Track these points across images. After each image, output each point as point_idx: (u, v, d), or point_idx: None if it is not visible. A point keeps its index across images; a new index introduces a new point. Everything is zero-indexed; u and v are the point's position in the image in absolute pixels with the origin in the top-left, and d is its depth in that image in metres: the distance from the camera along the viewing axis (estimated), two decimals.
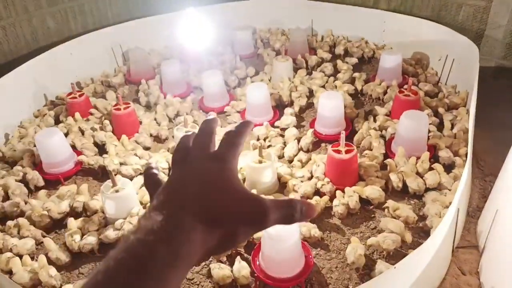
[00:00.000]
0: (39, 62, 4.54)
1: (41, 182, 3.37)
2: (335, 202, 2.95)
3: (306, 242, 2.72)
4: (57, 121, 4.22)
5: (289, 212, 0.57)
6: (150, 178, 0.65)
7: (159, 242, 0.48)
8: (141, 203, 3.05)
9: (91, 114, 4.21)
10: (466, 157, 2.87)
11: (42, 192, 3.23)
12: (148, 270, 0.46)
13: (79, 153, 3.66)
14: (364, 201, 3.04)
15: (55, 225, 3.04)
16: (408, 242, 2.62)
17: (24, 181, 3.36)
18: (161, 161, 3.44)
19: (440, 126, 3.76)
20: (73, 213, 3.07)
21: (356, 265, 2.54)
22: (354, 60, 5.05)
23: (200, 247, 0.52)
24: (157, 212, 0.52)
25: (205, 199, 0.54)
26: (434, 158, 3.37)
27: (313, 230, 2.72)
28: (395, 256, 2.60)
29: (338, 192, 3.02)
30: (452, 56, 4.48)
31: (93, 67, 5.08)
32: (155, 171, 0.66)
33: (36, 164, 3.58)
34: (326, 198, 3.03)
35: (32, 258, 2.71)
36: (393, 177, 3.12)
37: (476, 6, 4.98)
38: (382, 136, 3.69)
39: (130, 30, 5.47)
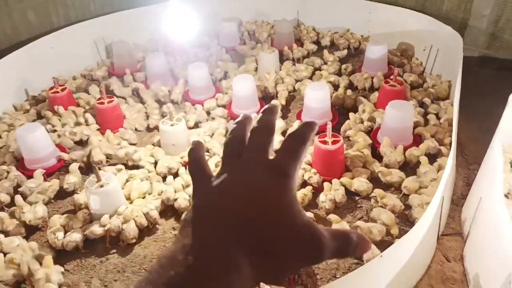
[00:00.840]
0: (19, 57, 4.44)
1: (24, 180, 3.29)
2: (322, 198, 2.94)
3: None
4: (40, 117, 4.14)
5: (344, 247, 0.50)
6: (197, 164, 0.57)
7: (207, 280, 0.43)
8: (127, 198, 3.02)
9: (73, 110, 4.10)
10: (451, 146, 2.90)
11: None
12: None
13: (62, 148, 3.61)
14: (351, 191, 3.05)
15: None
16: (395, 235, 2.64)
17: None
18: (147, 156, 3.41)
19: (425, 116, 3.78)
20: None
21: None
22: (344, 52, 5.04)
23: (245, 282, 0.47)
24: (206, 238, 0.46)
25: (262, 229, 0.47)
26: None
27: None
28: (381, 244, 2.62)
29: (326, 185, 3.01)
30: (436, 46, 4.51)
31: (75, 60, 4.98)
32: (202, 153, 0.58)
33: (18, 160, 3.51)
34: (309, 188, 3.03)
35: None
36: (373, 167, 3.17)
37: None
38: (371, 127, 3.70)
39: (114, 23, 5.37)
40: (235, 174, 0.52)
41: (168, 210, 3.05)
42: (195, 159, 0.57)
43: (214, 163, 3.22)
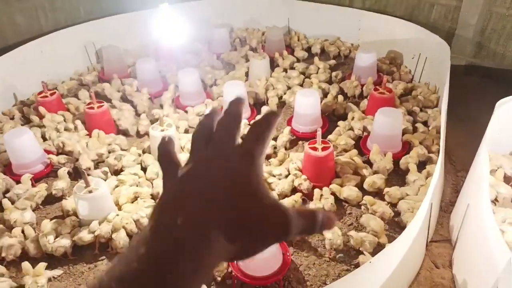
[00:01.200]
0: (7, 61, 4.38)
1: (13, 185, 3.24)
2: (311, 207, 2.94)
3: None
4: (29, 122, 4.08)
5: (311, 223, 0.53)
6: (165, 155, 0.59)
7: (181, 254, 0.46)
8: (116, 204, 2.99)
9: (62, 115, 4.05)
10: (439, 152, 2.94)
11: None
12: (168, 283, 0.44)
13: (50, 153, 3.56)
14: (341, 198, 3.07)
15: None
16: (383, 243, 2.66)
17: None
18: (132, 159, 3.41)
19: (413, 124, 3.83)
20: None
21: (341, 246, 2.64)
22: (332, 62, 5.09)
23: (220, 257, 0.50)
24: (181, 214, 0.48)
25: (233, 207, 0.50)
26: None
27: None
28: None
29: (316, 191, 3.02)
30: (424, 55, 4.58)
31: (65, 65, 4.95)
32: (171, 147, 0.60)
33: (5, 165, 3.46)
34: (299, 194, 3.04)
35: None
36: (365, 172, 3.21)
37: (447, 6, 5.10)
38: (360, 135, 3.73)
39: (104, 28, 5.35)
40: (202, 161, 0.54)
41: None
42: (164, 152, 0.59)
43: None
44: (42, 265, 2.51)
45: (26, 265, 2.49)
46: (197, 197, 0.50)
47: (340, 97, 4.24)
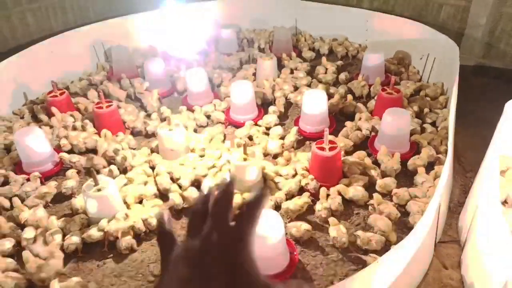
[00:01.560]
0: (18, 60, 4.44)
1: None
2: (318, 206, 2.95)
3: (298, 239, 2.75)
4: (39, 121, 4.13)
5: None
6: (164, 237, 0.65)
7: None
8: (124, 202, 3.02)
9: (71, 115, 4.10)
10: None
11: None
12: None
13: (60, 152, 3.60)
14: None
15: None
16: (392, 242, 2.65)
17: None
18: (143, 159, 3.44)
19: (422, 124, 3.81)
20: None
21: (346, 244, 2.65)
22: (339, 62, 5.08)
23: None
24: None
25: (228, 285, 0.55)
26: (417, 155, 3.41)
27: (303, 226, 2.74)
28: (378, 250, 2.63)
29: (323, 189, 3.03)
30: (433, 55, 4.56)
31: (75, 65, 5.00)
32: (168, 227, 0.66)
33: (15, 163, 3.50)
34: (307, 194, 3.04)
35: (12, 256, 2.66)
36: (374, 172, 3.20)
37: (456, 6, 5.07)
38: (368, 135, 3.73)
39: (113, 28, 5.39)
40: (200, 242, 0.59)
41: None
42: (162, 229, 0.65)
43: (212, 172, 3.27)
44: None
45: (26, 253, 2.52)
46: (194, 275, 0.55)
47: (350, 96, 4.23)
